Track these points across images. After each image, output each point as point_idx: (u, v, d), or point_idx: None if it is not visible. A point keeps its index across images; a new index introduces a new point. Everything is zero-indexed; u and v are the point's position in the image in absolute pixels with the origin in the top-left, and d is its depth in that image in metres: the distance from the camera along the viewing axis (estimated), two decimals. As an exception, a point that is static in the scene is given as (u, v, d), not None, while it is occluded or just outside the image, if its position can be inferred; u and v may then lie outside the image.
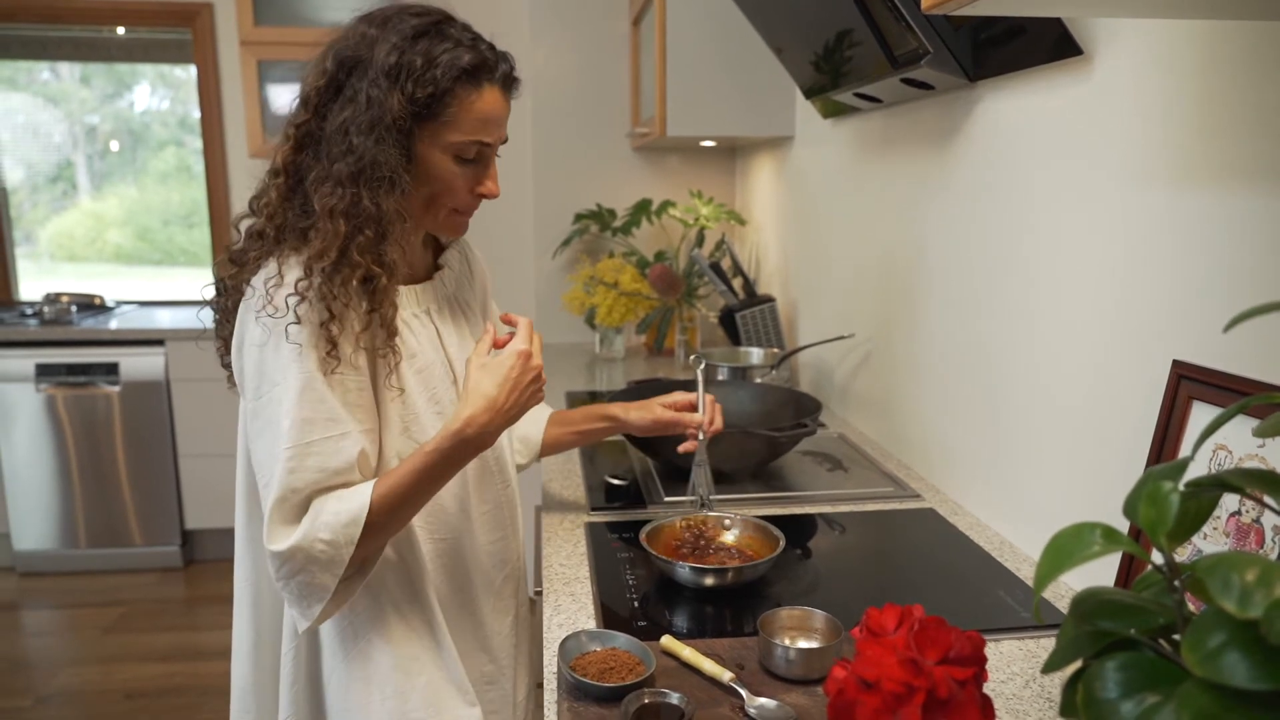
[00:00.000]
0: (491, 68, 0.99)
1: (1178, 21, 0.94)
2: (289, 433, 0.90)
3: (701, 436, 1.30)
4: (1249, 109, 0.86)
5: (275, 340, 0.92)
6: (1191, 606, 0.58)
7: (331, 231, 0.93)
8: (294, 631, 1.02)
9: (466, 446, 0.95)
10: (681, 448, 1.32)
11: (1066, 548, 0.56)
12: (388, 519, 0.93)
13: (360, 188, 0.93)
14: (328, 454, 0.91)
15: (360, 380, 0.97)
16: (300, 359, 0.91)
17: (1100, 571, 1.02)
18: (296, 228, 0.96)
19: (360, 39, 0.96)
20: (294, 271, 0.94)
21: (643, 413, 1.32)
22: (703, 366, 1.36)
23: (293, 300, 0.92)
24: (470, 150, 1.00)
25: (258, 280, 0.95)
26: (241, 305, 0.97)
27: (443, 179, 1.00)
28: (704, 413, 1.31)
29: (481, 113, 0.99)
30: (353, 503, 0.91)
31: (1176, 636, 0.55)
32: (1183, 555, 0.90)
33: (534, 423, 1.34)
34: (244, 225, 1.01)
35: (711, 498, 1.30)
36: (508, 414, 0.97)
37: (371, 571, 0.99)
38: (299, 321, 0.92)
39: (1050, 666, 0.57)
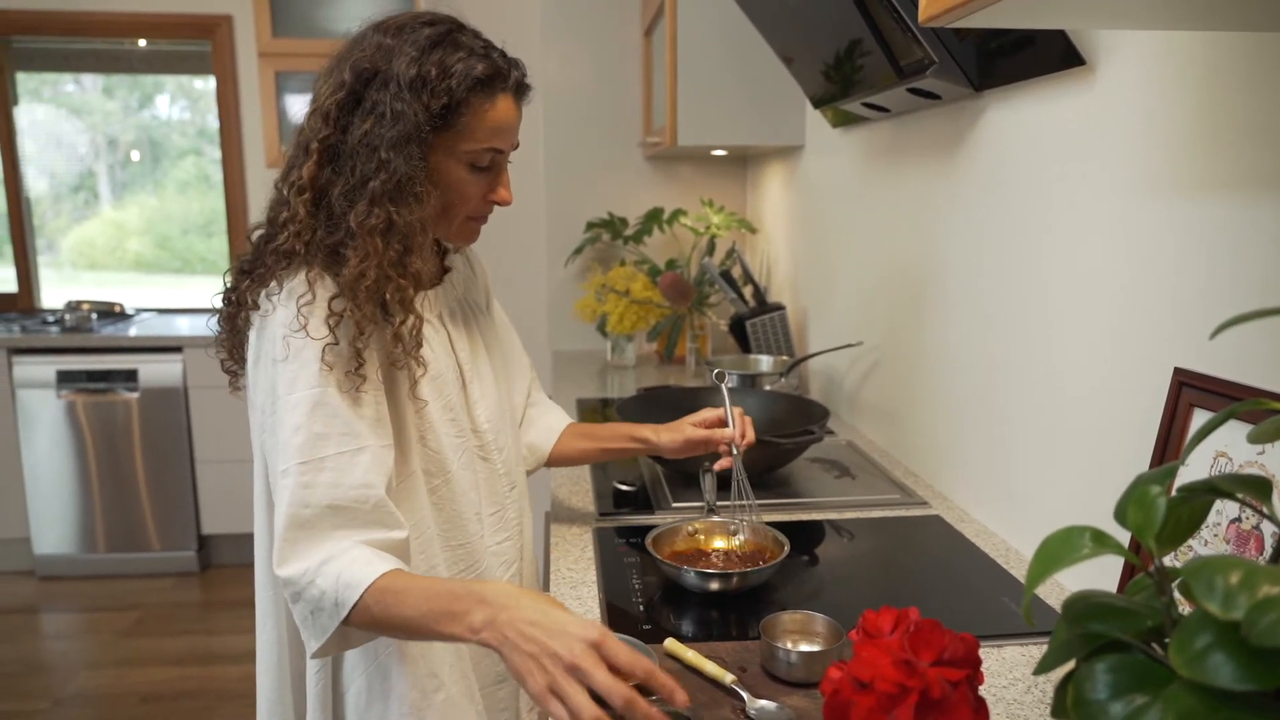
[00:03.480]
0: (504, 76, 1.00)
1: (1178, 32, 0.95)
2: (301, 448, 0.90)
3: (735, 451, 1.27)
4: (1250, 118, 0.86)
5: (298, 357, 0.92)
6: (1188, 610, 0.59)
7: (371, 250, 0.93)
8: None
9: (465, 606, 0.82)
10: (718, 465, 1.28)
11: (1056, 551, 0.57)
12: (380, 615, 0.85)
13: (393, 203, 0.94)
14: (342, 469, 0.90)
15: (380, 395, 0.97)
16: (320, 375, 0.92)
17: (1102, 579, 1.03)
18: (324, 244, 0.95)
19: (376, 49, 0.96)
20: (327, 290, 0.94)
21: (674, 434, 1.29)
22: (726, 380, 1.35)
23: (331, 320, 0.92)
24: (484, 158, 1.01)
25: (285, 297, 0.94)
26: (261, 319, 0.96)
27: (457, 188, 1.01)
28: (734, 427, 1.28)
29: (495, 121, 1.00)
30: (364, 570, 0.86)
31: (1167, 640, 0.56)
32: (1184, 561, 0.90)
33: (545, 432, 1.34)
34: (255, 236, 1.02)
35: (756, 504, 1.27)
36: (502, 633, 0.79)
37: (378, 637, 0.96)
38: (336, 341, 0.92)
39: (1042, 668, 0.58)
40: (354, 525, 0.90)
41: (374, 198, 0.93)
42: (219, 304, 1.04)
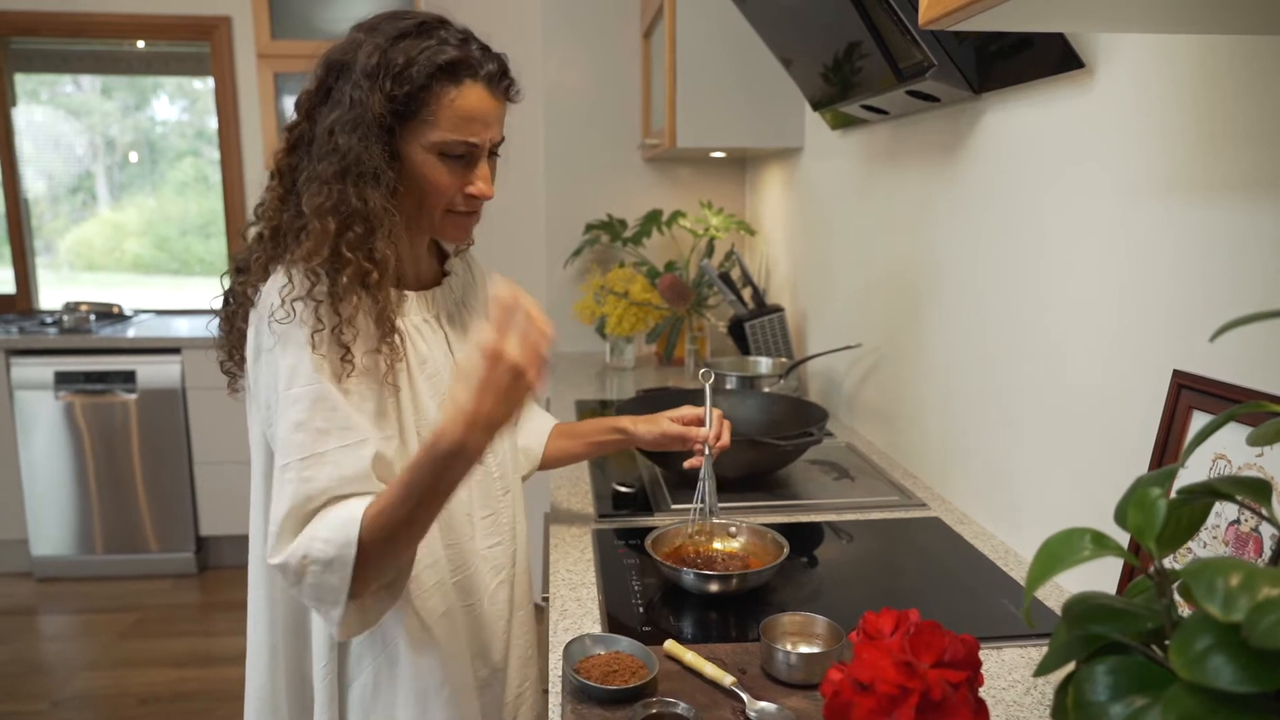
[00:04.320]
0: (474, 65, 0.98)
1: (1176, 36, 0.95)
2: (303, 444, 0.91)
3: (708, 451, 1.28)
4: (1247, 121, 0.87)
5: (288, 348, 0.93)
6: (1186, 612, 0.59)
7: (320, 230, 0.94)
8: (325, 642, 1.03)
9: (447, 461, 0.86)
10: (687, 464, 1.30)
11: (1057, 552, 0.57)
12: (384, 532, 0.88)
13: (345, 184, 0.94)
14: (343, 462, 0.91)
15: (375, 387, 0.98)
16: (314, 367, 0.92)
17: (1101, 580, 1.03)
18: (293, 229, 0.97)
19: (349, 44, 0.98)
20: (303, 277, 0.95)
21: (650, 426, 1.31)
22: (710, 380, 1.36)
23: (306, 307, 0.93)
24: (455, 149, 1.00)
25: (269, 287, 0.95)
26: (255, 314, 0.97)
27: (429, 178, 1.00)
28: (710, 427, 1.30)
29: (463, 110, 0.98)
30: (346, 508, 0.90)
31: (1168, 641, 0.56)
32: (1182, 563, 0.90)
33: (535, 434, 1.34)
34: (250, 234, 1.03)
35: (717, 507, 1.29)
36: (488, 422, 0.85)
37: (400, 596, 0.98)
38: (322, 328, 0.93)
39: (1043, 670, 0.58)
40: None
41: (325, 179, 0.95)
42: (219, 305, 1.04)
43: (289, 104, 3.60)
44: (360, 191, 0.95)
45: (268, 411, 0.95)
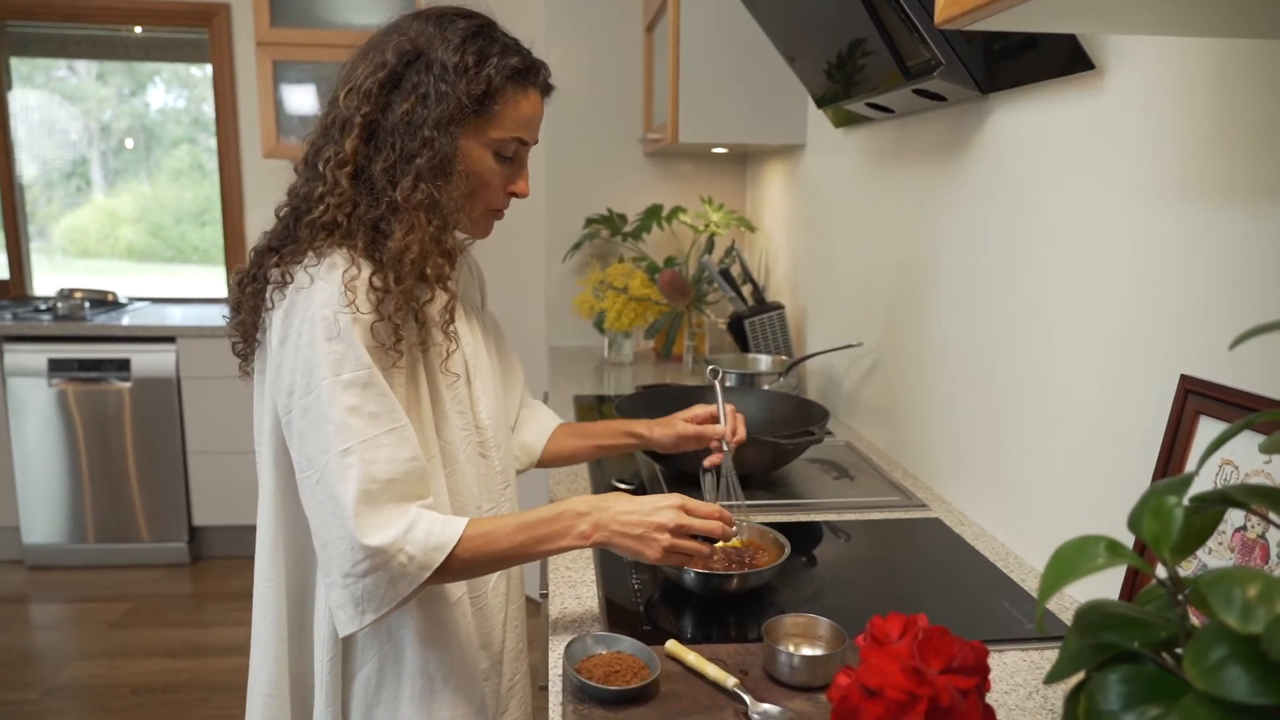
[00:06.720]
0: (536, 72, 1.06)
1: (1189, 39, 0.94)
2: (361, 428, 0.92)
3: (726, 447, 1.28)
4: (1258, 126, 0.86)
5: (346, 335, 0.93)
6: (1195, 620, 0.58)
7: (416, 224, 0.96)
8: (329, 635, 1.02)
9: (565, 523, 0.98)
10: (708, 461, 1.29)
11: (1070, 560, 0.57)
12: (471, 559, 0.95)
13: (440, 180, 0.98)
14: (395, 444, 0.94)
15: (402, 378, 1.00)
16: (367, 354, 0.94)
17: (1104, 584, 1.03)
18: (366, 219, 0.97)
19: (419, 34, 1.00)
20: (368, 266, 0.96)
21: (665, 430, 1.31)
22: (719, 377, 1.36)
23: (374, 296, 0.95)
24: (509, 148, 1.05)
25: (326, 271, 0.95)
26: (294, 293, 0.95)
27: (481, 175, 1.04)
28: (726, 423, 1.30)
29: (526, 113, 1.05)
30: (447, 530, 0.93)
31: (1179, 650, 0.56)
32: (1187, 570, 0.90)
33: (536, 431, 1.34)
34: (282, 214, 1.02)
35: (744, 502, 1.28)
36: (609, 529, 0.98)
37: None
38: (381, 318, 0.95)
39: (1053, 677, 0.58)
40: (410, 496, 0.95)
41: (419, 174, 0.97)
42: (235, 286, 1.03)
43: (287, 92, 3.60)
44: (446, 187, 0.98)
45: (292, 397, 0.94)
